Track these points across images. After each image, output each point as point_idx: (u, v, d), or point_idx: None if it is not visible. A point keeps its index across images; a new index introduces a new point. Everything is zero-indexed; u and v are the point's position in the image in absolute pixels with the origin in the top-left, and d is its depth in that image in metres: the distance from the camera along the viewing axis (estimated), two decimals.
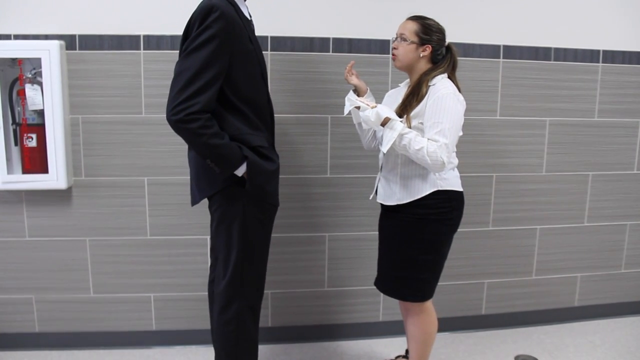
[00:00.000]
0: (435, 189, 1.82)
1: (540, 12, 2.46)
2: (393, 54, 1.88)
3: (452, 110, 1.74)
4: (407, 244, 1.88)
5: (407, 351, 2.15)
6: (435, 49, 1.84)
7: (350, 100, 1.82)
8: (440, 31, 1.85)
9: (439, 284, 1.97)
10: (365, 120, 1.75)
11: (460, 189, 1.90)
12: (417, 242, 1.86)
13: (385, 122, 1.74)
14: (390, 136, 1.72)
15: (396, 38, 1.87)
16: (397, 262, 1.91)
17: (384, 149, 1.76)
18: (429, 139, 1.72)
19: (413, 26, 1.83)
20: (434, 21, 1.86)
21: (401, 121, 1.75)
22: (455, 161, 1.89)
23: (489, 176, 2.54)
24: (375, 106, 1.75)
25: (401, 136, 1.72)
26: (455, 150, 1.87)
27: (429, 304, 1.96)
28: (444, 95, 1.74)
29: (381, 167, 1.98)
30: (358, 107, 1.78)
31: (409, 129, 1.75)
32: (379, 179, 1.99)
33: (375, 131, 2.03)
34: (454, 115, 1.74)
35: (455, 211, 1.89)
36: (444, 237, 1.89)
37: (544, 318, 2.73)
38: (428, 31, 1.82)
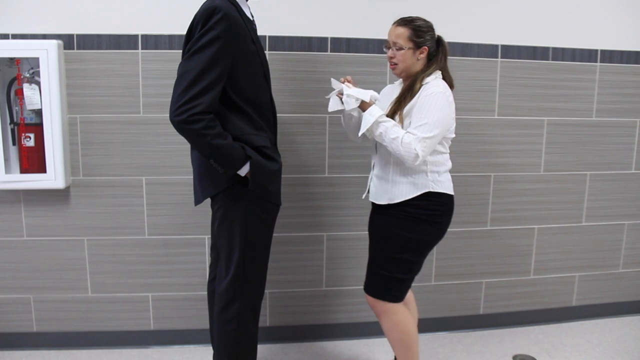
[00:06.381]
0: (427, 190, 1.81)
1: (538, 12, 2.46)
2: (391, 63, 1.86)
3: (437, 107, 1.73)
4: (393, 242, 1.86)
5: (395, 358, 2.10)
6: (431, 48, 1.83)
7: (334, 83, 1.84)
8: (431, 28, 1.83)
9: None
10: (347, 101, 1.78)
11: (452, 193, 1.88)
12: (404, 240, 1.84)
13: (365, 108, 1.78)
14: (368, 121, 1.75)
15: (389, 47, 1.84)
16: (380, 259, 1.89)
17: (360, 132, 1.79)
18: (407, 132, 1.73)
19: (404, 32, 1.80)
20: (422, 20, 1.82)
21: (385, 115, 1.77)
22: (449, 164, 1.88)
23: (487, 176, 2.54)
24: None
25: (378, 123, 1.75)
26: (448, 152, 1.87)
27: (399, 305, 1.91)
28: (431, 94, 1.75)
29: (373, 166, 1.97)
30: (341, 95, 1.80)
31: (388, 118, 1.77)
32: (371, 178, 1.98)
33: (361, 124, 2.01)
34: (438, 112, 1.73)
35: (445, 216, 1.87)
36: (430, 239, 1.88)
37: (541, 317, 2.73)
38: (420, 33, 1.80)
